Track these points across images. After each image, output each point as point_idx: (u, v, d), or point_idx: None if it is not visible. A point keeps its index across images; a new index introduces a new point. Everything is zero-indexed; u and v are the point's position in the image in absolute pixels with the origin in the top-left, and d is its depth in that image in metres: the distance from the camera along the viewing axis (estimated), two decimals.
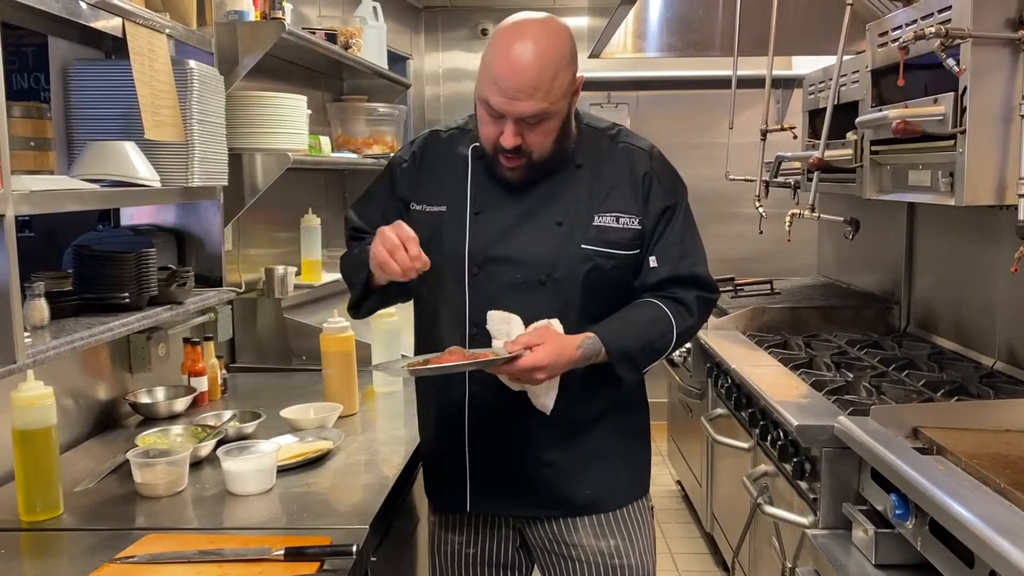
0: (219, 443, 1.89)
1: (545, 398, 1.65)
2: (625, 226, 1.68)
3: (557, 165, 1.68)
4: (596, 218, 1.67)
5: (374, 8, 3.71)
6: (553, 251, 1.66)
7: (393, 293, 1.76)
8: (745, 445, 2.77)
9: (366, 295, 1.75)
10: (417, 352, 1.79)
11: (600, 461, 1.75)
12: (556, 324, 1.62)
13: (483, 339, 1.65)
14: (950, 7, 1.98)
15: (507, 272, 1.66)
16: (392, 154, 3.65)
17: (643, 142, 1.77)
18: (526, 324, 1.61)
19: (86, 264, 1.96)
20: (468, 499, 1.77)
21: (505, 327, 1.60)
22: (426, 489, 1.89)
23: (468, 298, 1.68)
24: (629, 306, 1.70)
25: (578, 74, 1.64)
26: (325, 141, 3.20)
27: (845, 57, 2.59)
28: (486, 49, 1.61)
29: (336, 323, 2.31)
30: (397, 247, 1.56)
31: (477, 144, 1.70)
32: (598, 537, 1.76)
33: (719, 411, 3.15)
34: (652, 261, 1.70)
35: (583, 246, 1.66)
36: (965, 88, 1.94)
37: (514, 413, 1.70)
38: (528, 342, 1.54)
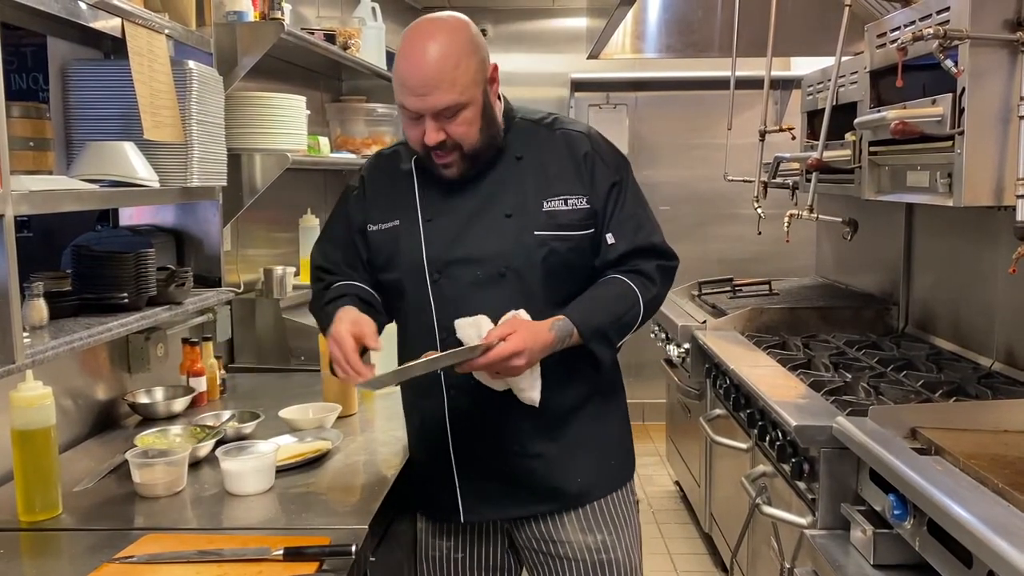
0: (218, 443, 1.89)
1: (531, 391, 1.66)
2: (574, 207, 1.71)
3: (494, 157, 1.72)
4: (544, 204, 1.71)
5: (373, 9, 3.71)
6: (507, 243, 1.69)
7: None
8: (743, 445, 2.78)
9: None
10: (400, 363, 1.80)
11: (588, 448, 1.78)
12: (523, 314, 1.64)
13: (454, 343, 1.66)
14: (948, 8, 1.98)
15: (467, 271, 1.70)
16: None
17: (580, 126, 1.81)
18: (494, 320, 1.63)
19: (85, 264, 1.96)
20: (461, 507, 1.78)
21: (475, 330, 1.61)
22: (417, 500, 1.89)
23: (434, 304, 1.72)
24: (593, 286, 1.73)
25: (491, 62, 1.67)
26: (324, 141, 3.20)
27: (844, 58, 2.60)
28: (395, 58, 1.66)
29: None
30: (339, 361, 1.59)
31: (417, 156, 1.74)
32: (585, 532, 1.78)
33: (718, 411, 3.15)
34: (609, 238, 1.74)
35: (536, 232, 1.69)
36: (963, 89, 1.94)
37: (495, 410, 1.71)
38: (500, 334, 1.56)
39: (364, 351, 1.63)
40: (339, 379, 1.64)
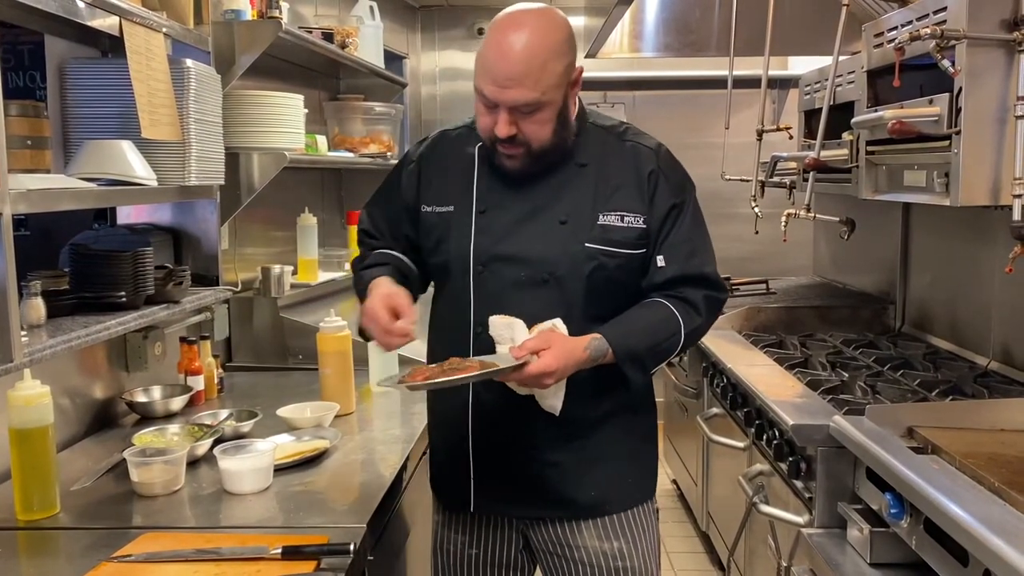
0: (216, 442, 1.89)
1: (553, 399, 1.64)
2: (630, 225, 1.67)
3: (559, 159, 1.69)
4: (600, 217, 1.67)
5: (371, 7, 3.71)
6: (556, 250, 1.66)
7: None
8: (741, 444, 2.78)
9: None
10: (429, 353, 1.79)
11: (606, 462, 1.74)
12: (560, 324, 1.61)
13: (488, 338, 1.64)
14: (945, 8, 1.98)
15: (511, 270, 1.67)
16: (389, 153, 3.68)
17: (650, 140, 1.76)
18: (529, 324, 1.60)
19: (83, 263, 1.96)
20: (472, 499, 1.77)
21: (508, 332, 1.59)
22: (432, 485, 1.89)
23: (473, 296, 1.69)
24: (636, 306, 1.69)
25: (577, 65, 1.64)
26: (322, 140, 3.20)
27: (841, 58, 2.60)
28: (483, 41, 1.63)
29: (333, 322, 2.32)
30: (377, 335, 1.59)
31: (483, 143, 1.71)
32: (602, 539, 1.75)
33: (715, 410, 3.15)
34: (660, 260, 1.69)
35: (587, 245, 1.66)
36: (960, 89, 1.95)
37: (518, 413, 1.69)
38: (535, 347, 1.52)
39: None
40: (380, 345, 1.62)
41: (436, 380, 1.53)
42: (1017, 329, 2.56)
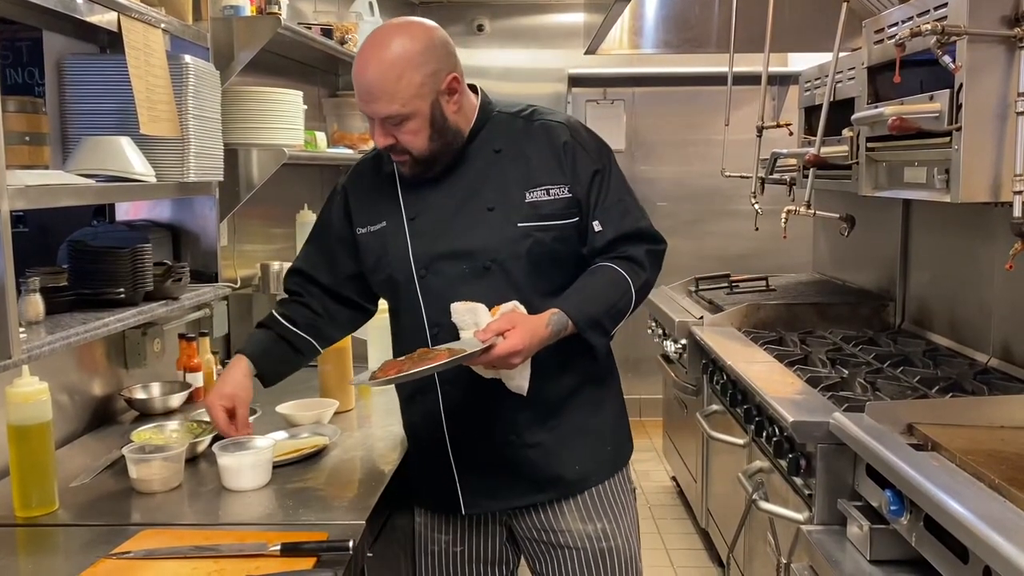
0: (214, 439, 1.89)
1: (520, 379, 1.66)
2: (556, 196, 1.72)
3: (451, 161, 1.73)
4: (527, 195, 1.71)
5: (370, 3, 3.70)
6: (492, 236, 1.70)
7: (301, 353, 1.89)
8: (740, 441, 2.78)
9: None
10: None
11: (583, 435, 1.79)
12: (519, 306, 1.65)
13: (445, 337, 1.68)
14: (946, 4, 1.98)
15: (453, 266, 1.71)
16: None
17: (559, 116, 1.81)
18: (488, 307, 1.63)
19: (81, 260, 1.95)
20: (461, 500, 1.78)
21: (471, 316, 1.62)
22: (416, 494, 1.90)
23: (423, 300, 1.74)
24: (584, 274, 1.73)
25: (451, 72, 1.67)
26: (321, 136, 3.20)
27: (841, 54, 2.60)
28: None
29: None
30: (217, 424, 1.79)
31: None
32: (584, 521, 1.79)
33: (714, 407, 3.15)
34: (596, 225, 1.74)
35: (519, 224, 1.70)
36: (961, 85, 1.94)
37: (490, 402, 1.72)
38: (499, 328, 1.57)
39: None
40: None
41: (406, 372, 1.55)
42: (1017, 326, 2.56)
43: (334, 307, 1.89)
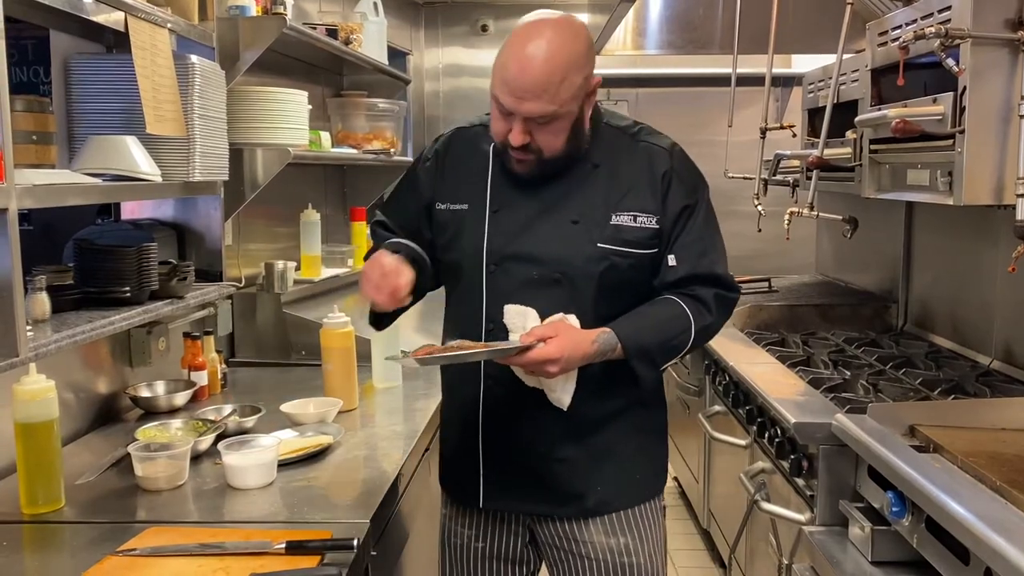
0: (219, 437, 1.90)
1: (561, 393, 1.65)
2: (643, 225, 1.67)
3: (571, 164, 1.69)
4: (613, 217, 1.67)
5: (374, 4, 3.70)
6: (568, 249, 1.66)
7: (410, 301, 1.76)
8: (742, 442, 2.78)
9: (379, 317, 1.79)
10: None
11: (615, 460, 1.75)
12: (572, 319, 1.63)
13: (499, 334, 1.66)
14: (950, 7, 1.98)
15: (523, 269, 1.67)
16: (392, 150, 3.68)
17: (664, 140, 1.75)
18: (542, 319, 1.62)
19: (87, 258, 1.96)
20: (481, 493, 1.77)
21: (521, 320, 1.62)
22: (441, 479, 1.90)
23: (485, 294, 1.70)
24: (648, 303, 1.70)
25: (594, 74, 1.64)
26: (325, 136, 3.20)
27: (845, 56, 2.60)
28: (502, 46, 1.62)
29: (336, 318, 2.32)
30: (378, 288, 1.61)
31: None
32: (608, 535, 1.76)
33: (717, 408, 3.16)
34: (671, 259, 1.69)
35: (599, 245, 1.66)
36: (964, 88, 1.95)
37: (528, 408, 1.70)
38: (542, 334, 1.55)
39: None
40: (375, 300, 1.63)
41: (444, 354, 1.56)
42: (1019, 328, 2.56)
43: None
